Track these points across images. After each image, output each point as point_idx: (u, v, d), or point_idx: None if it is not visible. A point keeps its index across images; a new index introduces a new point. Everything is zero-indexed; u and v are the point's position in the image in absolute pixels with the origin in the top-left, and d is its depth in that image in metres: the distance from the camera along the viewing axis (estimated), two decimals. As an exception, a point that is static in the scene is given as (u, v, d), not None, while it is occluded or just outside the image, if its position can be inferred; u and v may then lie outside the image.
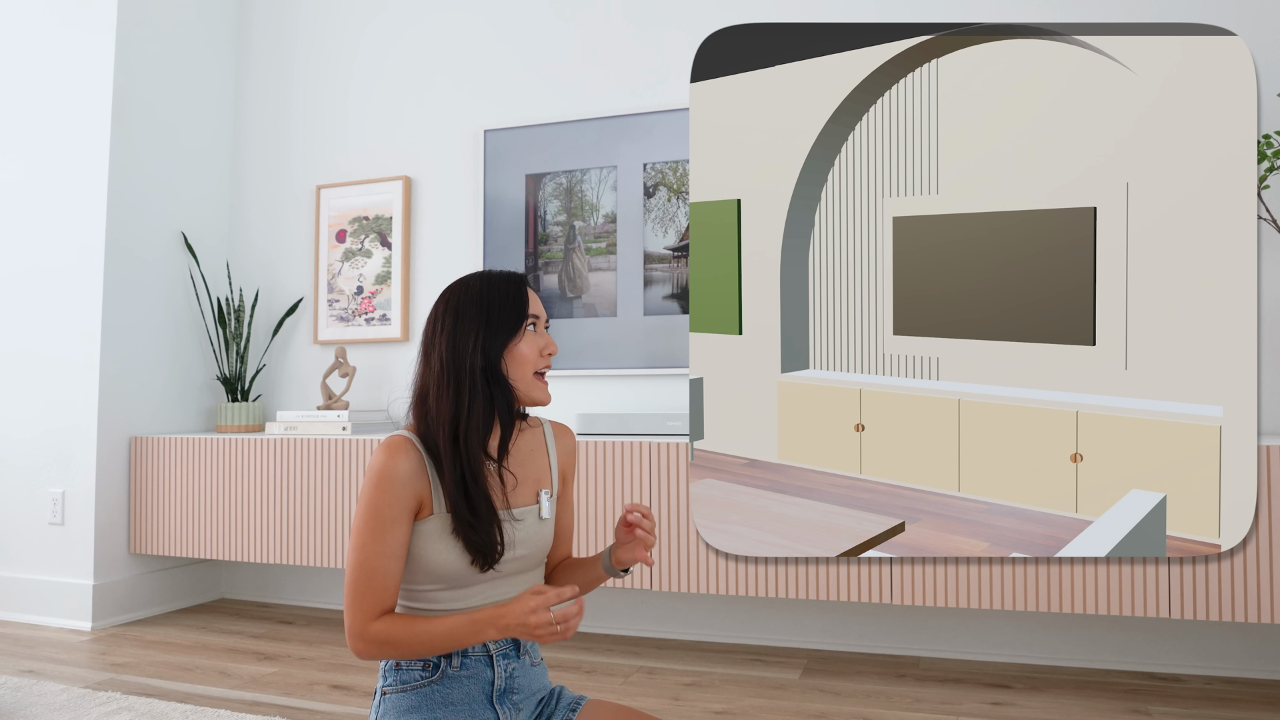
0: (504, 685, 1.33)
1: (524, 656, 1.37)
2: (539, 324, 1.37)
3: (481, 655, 1.33)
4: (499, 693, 1.33)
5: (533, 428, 1.48)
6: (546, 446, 1.47)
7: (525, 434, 1.45)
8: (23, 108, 3.20)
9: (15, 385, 3.14)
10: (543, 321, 1.38)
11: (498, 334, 1.31)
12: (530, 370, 1.34)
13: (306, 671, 2.47)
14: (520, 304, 1.34)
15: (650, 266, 2.95)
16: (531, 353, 1.34)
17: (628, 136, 3.00)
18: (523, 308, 1.34)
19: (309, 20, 3.52)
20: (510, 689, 1.34)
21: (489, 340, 1.31)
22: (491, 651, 1.33)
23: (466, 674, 1.31)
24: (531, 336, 1.35)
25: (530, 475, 1.42)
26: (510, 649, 1.35)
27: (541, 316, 1.38)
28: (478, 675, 1.32)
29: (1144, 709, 2.12)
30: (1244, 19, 2.48)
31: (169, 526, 3.03)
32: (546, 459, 1.46)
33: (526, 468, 1.42)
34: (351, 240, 3.36)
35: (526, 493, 1.40)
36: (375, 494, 1.26)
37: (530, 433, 1.47)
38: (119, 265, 3.09)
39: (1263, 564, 2.03)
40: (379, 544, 1.26)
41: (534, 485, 1.42)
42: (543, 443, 1.47)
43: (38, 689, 2.27)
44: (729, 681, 2.36)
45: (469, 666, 1.32)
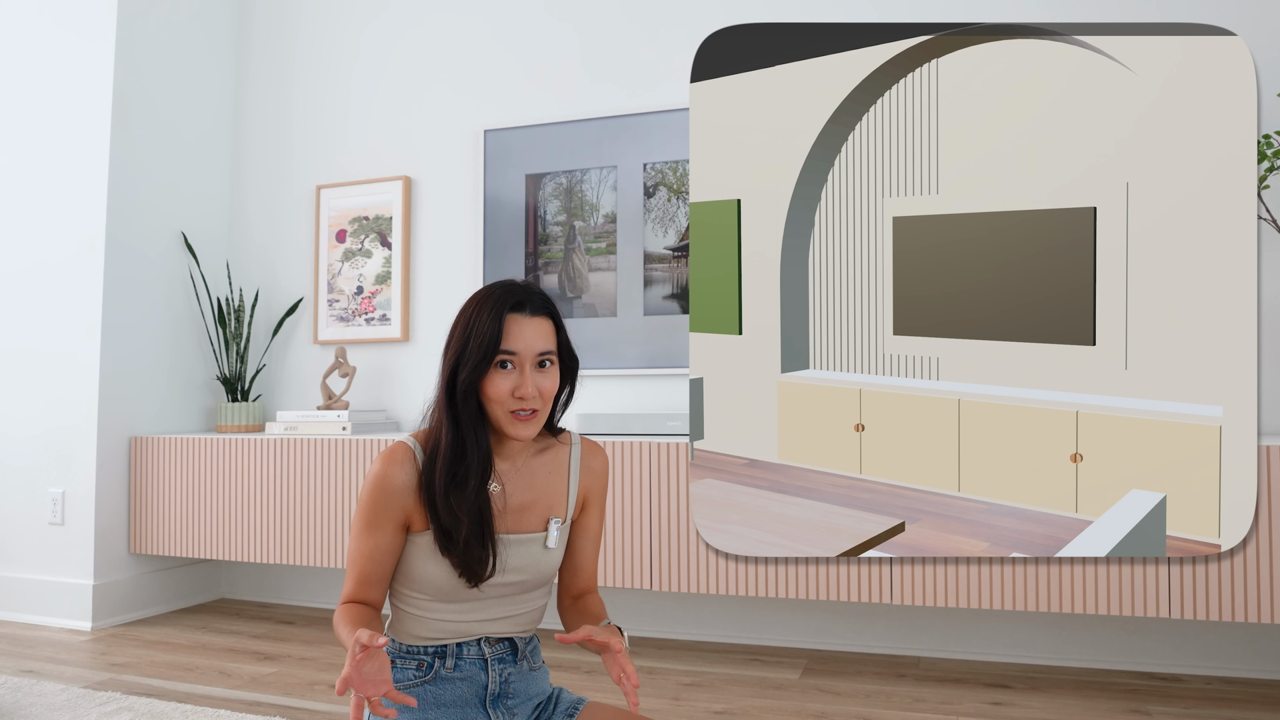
0: (498, 690, 1.32)
1: (521, 662, 1.35)
2: (519, 361, 1.24)
3: (476, 659, 1.32)
4: (492, 697, 1.32)
5: (559, 445, 1.40)
6: (569, 468, 1.39)
7: (548, 452, 1.38)
8: (23, 107, 3.20)
9: (15, 385, 3.14)
10: (527, 357, 1.25)
11: (470, 365, 1.23)
12: (503, 409, 1.25)
13: (306, 671, 2.47)
14: (491, 340, 1.23)
15: (650, 266, 2.95)
16: (500, 392, 1.23)
17: (628, 136, 3.00)
18: (492, 344, 1.23)
19: (309, 20, 3.52)
20: (505, 694, 1.33)
21: (461, 369, 1.24)
22: (487, 656, 1.32)
23: (460, 676, 1.31)
24: (501, 375, 1.24)
25: (542, 499, 1.35)
26: (507, 654, 1.34)
27: (522, 352, 1.24)
28: (471, 678, 1.31)
29: (1144, 709, 2.12)
30: (1244, 19, 2.48)
31: (169, 526, 3.03)
32: (565, 482, 1.39)
33: (538, 490, 1.35)
34: (351, 240, 3.36)
35: (533, 518, 1.34)
36: (367, 498, 1.27)
37: (554, 451, 1.39)
38: (119, 265, 3.09)
39: (1263, 564, 2.03)
40: (365, 543, 1.27)
41: (544, 511, 1.35)
42: (565, 463, 1.39)
43: (38, 689, 2.27)
44: (729, 681, 2.36)
45: (463, 669, 1.31)
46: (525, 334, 1.25)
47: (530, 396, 1.24)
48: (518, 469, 1.34)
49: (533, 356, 1.25)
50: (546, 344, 1.27)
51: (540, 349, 1.26)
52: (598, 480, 1.42)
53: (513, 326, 1.25)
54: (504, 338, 1.24)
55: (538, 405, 1.26)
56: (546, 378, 1.27)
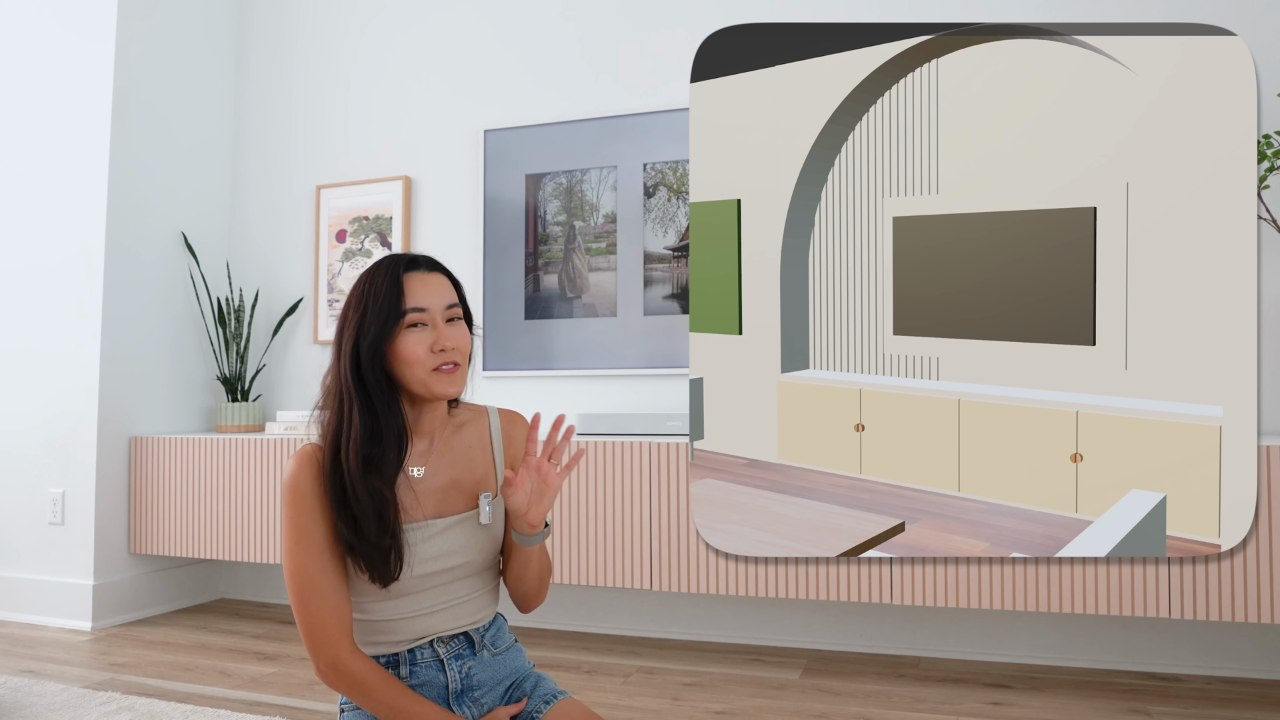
0: (460, 686, 1.27)
1: (481, 652, 1.29)
2: (429, 317, 1.19)
3: (431, 660, 1.26)
4: (455, 694, 1.27)
5: (474, 419, 1.32)
6: (490, 440, 1.32)
7: (465, 429, 1.31)
8: (23, 107, 3.20)
9: (16, 385, 3.14)
10: (438, 310, 1.19)
11: (372, 333, 1.16)
12: (424, 369, 1.17)
13: (306, 671, 2.47)
14: (392, 299, 1.17)
15: (650, 266, 2.95)
16: (418, 351, 1.17)
17: (628, 136, 3.00)
18: (394, 303, 1.17)
19: (309, 20, 3.52)
20: (468, 687, 1.27)
21: (363, 340, 1.17)
22: (441, 656, 1.26)
23: (418, 682, 1.25)
24: (415, 334, 1.17)
25: (467, 476, 1.28)
26: (464, 648, 1.28)
27: (431, 307, 1.19)
28: (431, 681, 1.26)
29: (1144, 709, 2.12)
30: (1244, 19, 2.48)
31: (169, 526, 3.03)
32: (489, 454, 1.31)
33: (461, 468, 1.28)
34: (351, 240, 3.36)
35: (461, 496, 1.26)
36: (290, 508, 1.19)
37: (470, 426, 1.31)
38: (119, 265, 3.09)
39: (1263, 564, 2.03)
40: (303, 557, 1.17)
41: (472, 487, 1.28)
42: (485, 435, 1.32)
43: (38, 689, 2.27)
44: (729, 681, 2.36)
45: (419, 674, 1.25)
46: (429, 289, 1.20)
47: (452, 348, 1.19)
48: (435, 448, 1.27)
49: (442, 309, 1.20)
50: (451, 296, 1.22)
51: (447, 302, 1.21)
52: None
53: (414, 283, 1.19)
54: (407, 295, 1.18)
55: (459, 359, 1.20)
56: (460, 332, 1.21)
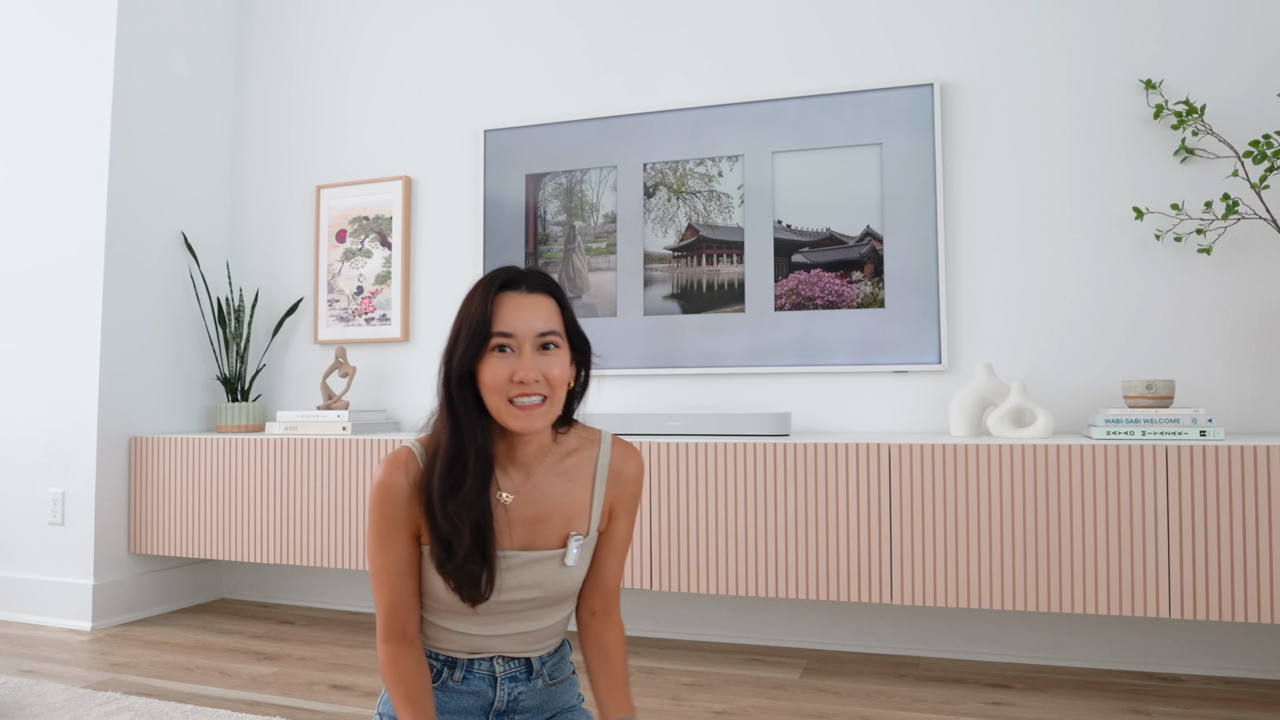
0: (504, 706, 1.26)
1: (536, 680, 1.26)
2: (516, 343, 1.11)
3: (486, 674, 1.24)
4: (497, 712, 1.25)
5: (583, 447, 1.23)
6: (595, 474, 1.23)
7: (571, 458, 1.22)
8: (22, 108, 3.20)
9: (15, 385, 3.14)
10: (526, 338, 1.11)
11: (461, 354, 1.11)
12: (500, 398, 1.10)
13: (306, 671, 2.47)
14: (480, 320, 1.11)
15: (650, 266, 2.95)
16: (496, 379, 1.10)
17: (628, 136, 3.00)
18: (481, 325, 1.11)
19: (309, 20, 3.52)
20: (512, 709, 1.26)
21: (454, 361, 1.12)
22: (497, 674, 1.24)
23: (467, 689, 1.24)
24: (498, 360, 1.11)
25: (559, 510, 1.19)
26: (521, 672, 1.25)
27: (519, 332, 1.11)
28: (479, 693, 1.24)
29: (1144, 709, 2.12)
30: (1245, 19, 2.48)
31: (169, 526, 3.03)
32: (589, 491, 1.22)
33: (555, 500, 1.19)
34: (351, 240, 3.36)
35: (550, 532, 1.19)
36: (374, 509, 1.16)
37: (577, 456, 1.22)
38: (119, 265, 3.09)
39: (1263, 564, 2.03)
40: (383, 558, 1.17)
41: (563, 524, 1.20)
42: (590, 469, 1.22)
43: (38, 689, 2.27)
44: (729, 681, 2.36)
45: (470, 683, 1.24)
46: (521, 312, 1.11)
47: (531, 381, 1.09)
48: (534, 478, 1.19)
49: (532, 337, 1.11)
50: (548, 324, 1.12)
51: (541, 328, 1.12)
52: (628, 488, 1.25)
53: (505, 305, 1.12)
54: (495, 318, 1.11)
55: (543, 391, 1.11)
56: (552, 361, 1.12)
